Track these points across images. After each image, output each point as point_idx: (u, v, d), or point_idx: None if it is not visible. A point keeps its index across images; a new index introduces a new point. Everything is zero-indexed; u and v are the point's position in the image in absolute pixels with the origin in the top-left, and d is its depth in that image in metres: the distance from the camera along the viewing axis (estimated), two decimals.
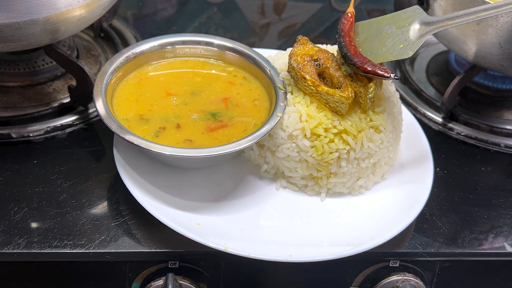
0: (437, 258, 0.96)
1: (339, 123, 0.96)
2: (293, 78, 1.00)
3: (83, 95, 1.08)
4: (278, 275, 0.97)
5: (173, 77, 1.05)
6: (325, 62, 0.99)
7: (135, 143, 0.90)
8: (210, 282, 0.94)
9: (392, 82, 1.06)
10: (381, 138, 0.98)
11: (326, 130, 0.96)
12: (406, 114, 1.10)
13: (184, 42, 1.08)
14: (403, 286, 0.94)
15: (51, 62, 1.14)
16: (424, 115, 1.19)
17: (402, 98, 1.19)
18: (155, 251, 0.91)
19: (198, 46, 1.08)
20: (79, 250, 0.89)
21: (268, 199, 0.98)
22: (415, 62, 1.32)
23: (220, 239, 0.88)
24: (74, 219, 0.93)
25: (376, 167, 1.00)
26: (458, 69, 1.25)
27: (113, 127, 0.92)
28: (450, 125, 1.16)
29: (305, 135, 0.96)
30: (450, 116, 1.17)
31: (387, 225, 0.93)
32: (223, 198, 0.97)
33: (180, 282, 0.91)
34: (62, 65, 1.09)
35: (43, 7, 0.94)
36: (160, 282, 0.92)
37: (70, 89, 1.09)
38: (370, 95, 0.96)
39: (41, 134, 1.06)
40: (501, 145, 1.14)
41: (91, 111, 1.10)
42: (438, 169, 1.07)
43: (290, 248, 0.90)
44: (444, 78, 1.27)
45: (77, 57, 1.19)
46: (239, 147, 0.92)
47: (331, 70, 0.98)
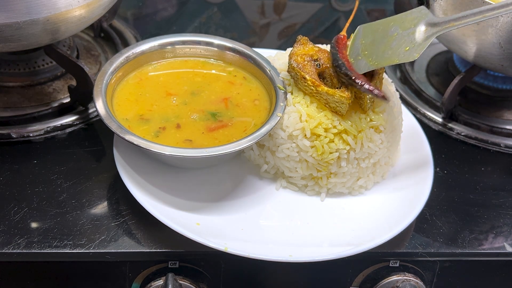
0: (437, 258, 0.96)
1: (339, 123, 0.96)
2: (293, 78, 1.00)
3: (83, 95, 1.08)
4: (278, 275, 0.97)
5: (173, 77, 1.05)
6: (325, 62, 0.99)
7: (135, 143, 0.90)
8: (210, 282, 0.94)
9: (392, 82, 1.06)
10: (381, 138, 0.98)
11: (326, 130, 0.96)
12: (406, 114, 1.10)
13: (184, 42, 1.08)
14: (403, 286, 0.94)
15: (51, 62, 1.14)
16: (424, 115, 1.19)
17: (402, 98, 1.19)
18: (155, 251, 0.91)
19: (198, 46, 1.08)
20: (79, 250, 0.89)
21: (268, 199, 0.98)
22: (415, 62, 1.32)
23: (220, 239, 0.88)
24: (74, 219, 0.93)
25: (376, 167, 1.00)
26: (461, 67, 1.25)
27: (113, 127, 0.92)
28: (450, 125, 1.16)
29: (305, 135, 0.96)
30: (450, 116, 1.17)
31: (387, 225, 0.93)
32: (223, 198, 0.97)
33: (180, 282, 0.91)
34: (62, 65, 1.09)
35: (43, 7, 0.94)
36: (160, 282, 0.92)
37: (70, 89, 1.09)
38: (370, 95, 0.96)
39: (41, 134, 1.06)
40: (501, 145, 1.14)
41: (91, 111, 1.10)
42: (438, 169, 1.07)
43: (290, 248, 0.90)
44: (444, 78, 1.27)
45: (77, 57, 1.19)
46: (239, 147, 0.92)
47: (331, 70, 0.98)
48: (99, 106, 0.94)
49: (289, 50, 1.04)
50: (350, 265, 0.96)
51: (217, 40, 1.09)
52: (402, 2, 1.30)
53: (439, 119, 1.18)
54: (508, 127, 1.17)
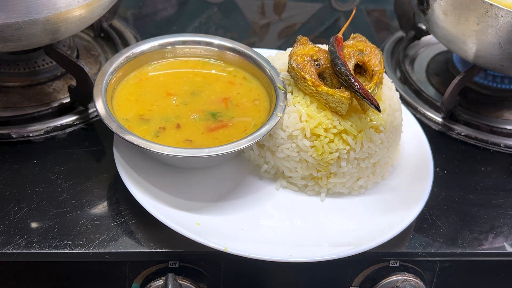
0: (437, 258, 0.96)
1: (339, 123, 0.95)
2: (293, 78, 1.00)
3: (83, 95, 1.08)
4: (278, 275, 0.97)
5: (173, 77, 1.05)
6: (325, 62, 0.99)
7: (135, 143, 0.90)
8: (210, 282, 0.94)
9: (392, 82, 1.06)
10: (381, 138, 0.98)
11: (326, 130, 0.96)
12: (406, 114, 1.10)
13: (184, 42, 1.08)
14: (403, 286, 0.94)
15: (51, 62, 1.14)
16: (424, 115, 1.19)
17: (402, 98, 1.19)
18: (155, 251, 0.91)
19: (198, 46, 1.08)
20: (79, 250, 0.89)
21: (268, 199, 0.98)
22: (415, 62, 1.32)
23: (220, 239, 0.88)
24: (74, 219, 0.93)
25: (376, 167, 1.00)
26: (461, 67, 1.25)
27: (113, 127, 0.92)
28: (450, 125, 1.16)
29: (305, 135, 0.96)
30: (450, 116, 1.17)
31: (387, 225, 0.93)
32: (223, 198, 0.97)
33: (180, 282, 0.91)
34: (62, 65, 1.09)
35: (43, 7, 0.94)
36: (160, 282, 0.92)
37: (70, 89, 1.09)
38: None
39: (41, 134, 1.06)
40: (501, 145, 1.14)
41: (91, 111, 1.10)
42: (438, 169, 1.07)
43: (290, 248, 0.90)
44: (444, 78, 1.27)
45: (77, 57, 1.19)
46: (239, 147, 0.92)
47: (331, 70, 0.98)
48: (99, 106, 0.94)
49: (289, 50, 1.04)
50: (350, 265, 0.96)
51: (217, 40, 1.09)
52: (402, 2, 1.30)
53: (439, 119, 1.17)
54: (508, 127, 1.17)
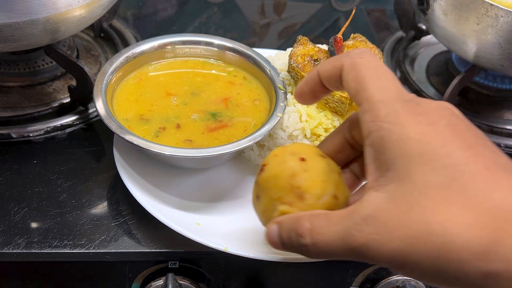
0: None
1: (339, 123, 0.95)
2: (293, 78, 1.00)
3: (83, 95, 1.08)
4: (278, 275, 0.97)
5: (173, 77, 1.05)
6: None
7: (135, 143, 0.90)
8: (210, 282, 0.94)
9: None
10: None
11: (326, 130, 0.96)
12: None
13: (184, 42, 1.08)
14: (403, 286, 0.94)
15: (51, 62, 1.14)
16: None
17: None
18: (155, 251, 0.91)
19: (198, 46, 1.08)
20: (79, 250, 0.89)
21: None
22: (415, 62, 1.32)
23: (220, 239, 0.88)
24: (74, 219, 0.93)
25: None
26: (461, 67, 1.25)
27: (113, 127, 0.92)
28: None
29: (305, 135, 0.96)
30: None
31: None
32: (223, 198, 0.97)
33: (180, 282, 0.91)
34: (62, 65, 1.09)
35: (43, 7, 0.94)
36: (160, 282, 0.92)
37: (70, 89, 1.09)
38: None
39: (41, 134, 1.06)
40: (501, 145, 1.14)
41: (91, 111, 1.10)
42: None
43: None
44: (444, 78, 1.27)
45: (77, 57, 1.19)
46: (239, 147, 0.92)
47: None
48: (99, 106, 0.94)
49: (289, 50, 1.04)
50: (350, 265, 0.96)
51: (217, 40, 1.09)
52: (402, 2, 1.30)
53: None
54: (508, 127, 1.17)
